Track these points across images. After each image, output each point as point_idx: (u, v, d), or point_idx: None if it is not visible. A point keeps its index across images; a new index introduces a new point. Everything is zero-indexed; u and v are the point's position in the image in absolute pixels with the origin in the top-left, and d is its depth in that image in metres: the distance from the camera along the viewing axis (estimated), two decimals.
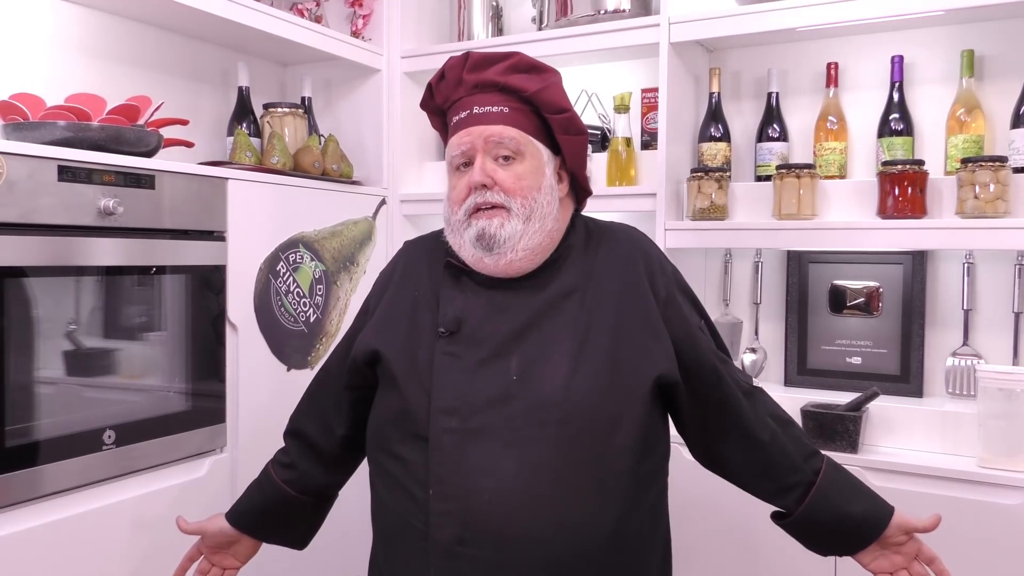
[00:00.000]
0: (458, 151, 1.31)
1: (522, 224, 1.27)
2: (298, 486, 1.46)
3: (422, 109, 1.43)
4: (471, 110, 1.31)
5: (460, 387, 1.24)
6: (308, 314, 2.07)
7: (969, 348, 1.99)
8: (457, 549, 1.20)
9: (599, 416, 1.23)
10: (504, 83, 1.31)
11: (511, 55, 1.34)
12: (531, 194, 1.29)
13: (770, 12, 1.98)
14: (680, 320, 1.32)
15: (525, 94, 1.31)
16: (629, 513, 1.24)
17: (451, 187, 1.33)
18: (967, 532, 1.72)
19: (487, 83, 1.32)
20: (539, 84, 1.32)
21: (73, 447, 1.53)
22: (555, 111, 1.32)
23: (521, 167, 1.29)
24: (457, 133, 1.31)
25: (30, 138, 1.55)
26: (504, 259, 1.28)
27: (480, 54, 1.35)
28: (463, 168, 1.31)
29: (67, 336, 1.58)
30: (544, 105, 1.32)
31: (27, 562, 1.44)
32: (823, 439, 1.88)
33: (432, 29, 2.55)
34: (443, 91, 1.36)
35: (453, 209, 1.31)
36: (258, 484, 1.49)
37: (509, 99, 1.31)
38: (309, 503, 1.48)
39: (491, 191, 1.27)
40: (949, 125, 1.97)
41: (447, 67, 1.35)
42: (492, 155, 1.29)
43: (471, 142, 1.29)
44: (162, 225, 1.69)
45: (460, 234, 1.30)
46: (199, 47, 2.21)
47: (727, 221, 2.10)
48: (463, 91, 1.33)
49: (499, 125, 1.29)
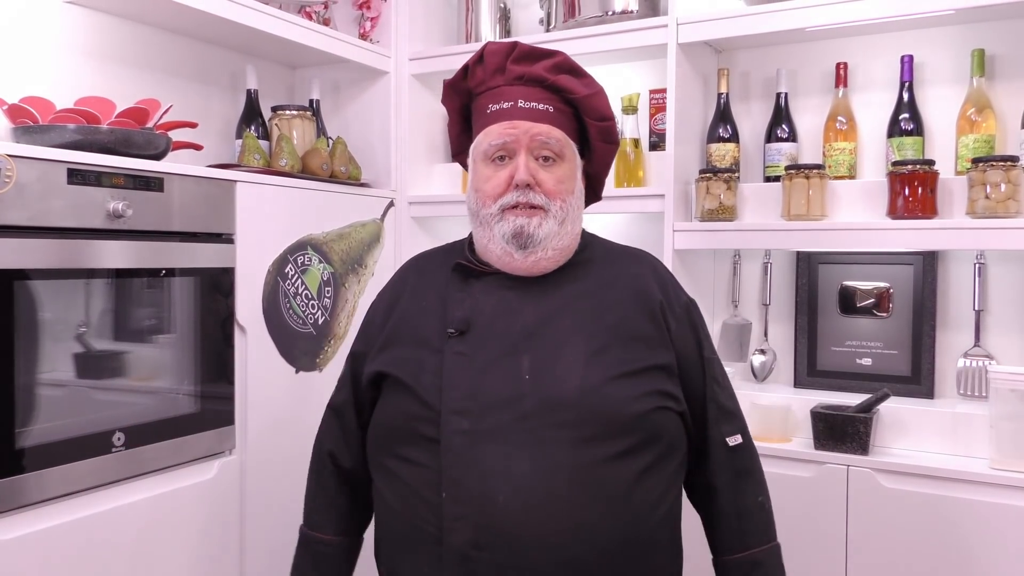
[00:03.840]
0: (499, 141, 1.28)
1: (557, 226, 1.28)
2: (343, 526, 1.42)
3: (448, 88, 1.39)
4: (515, 102, 1.29)
5: (471, 387, 1.23)
6: (316, 316, 2.07)
7: (980, 349, 1.98)
8: (472, 553, 1.18)
9: (615, 418, 1.21)
10: (553, 81, 1.30)
11: (556, 53, 1.33)
12: (568, 198, 1.30)
13: (779, 12, 1.98)
14: (686, 342, 1.33)
15: (574, 96, 1.31)
16: (645, 517, 1.23)
17: (484, 178, 1.30)
18: (978, 534, 1.71)
19: (534, 78, 1.30)
20: (589, 89, 1.32)
21: (83, 449, 1.53)
22: (600, 118, 1.33)
23: (561, 170, 1.30)
24: (499, 123, 1.28)
25: (40, 141, 1.56)
26: (534, 257, 1.28)
27: (528, 46, 1.33)
28: (499, 161, 1.29)
29: (77, 338, 1.58)
30: (591, 111, 1.32)
31: (37, 564, 1.45)
32: (833, 441, 1.87)
33: (440, 31, 2.55)
34: (480, 75, 1.33)
35: (485, 202, 1.29)
36: (312, 562, 1.42)
37: (553, 98, 1.30)
38: (354, 544, 1.46)
39: (532, 191, 1.26)
40: (959, 125, 1.96)
41: (488, 52, 1.33)
42: (534, 154, 1.28)
43: (516, 136, 1.27)
44: (171, 228, 1.69)
45: (490, 227, 1.28)
46: (208, 50, 2.21)
47: (736, 222, 2.09)
48: (502, 80, 1.31)
49: (546, 124, 1.28)
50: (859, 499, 1.82)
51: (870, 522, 1.81)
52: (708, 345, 1.38)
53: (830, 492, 1.84)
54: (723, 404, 1.36)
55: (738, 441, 1.35)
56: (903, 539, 1.78)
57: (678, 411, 1.29)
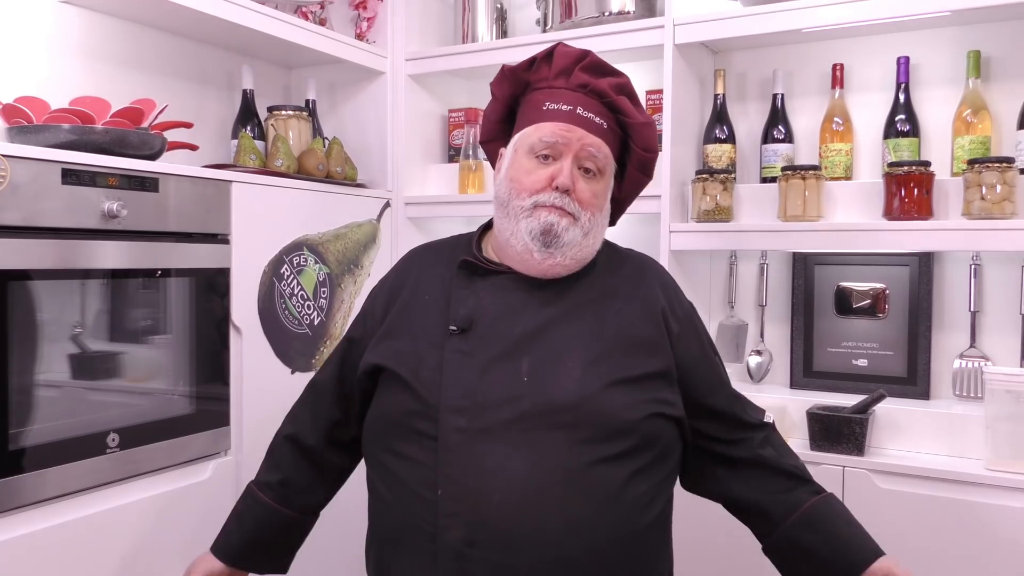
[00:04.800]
0: (551, 140, 1.29)
1: (582, 236, 1.29)
2: (293, 503, 1.44)
3: (507, 73, 1.39)
4: (574, 108, 1.30)
5: (470, 385, 1.24)
6: (312, 317, 2.06)
7: (976, 350, 1.98)
8: (466, 551, 1.19)
9: (611, 423, 1.22)
10: (613, 100, 1.32)
11: (621, 74, 1.36)
12: (597, 213, 1.32)
13: (775, 13, 1.98)
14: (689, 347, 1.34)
15: (629, 120, 1.33)
16: (636, 518, 1.24)
17: (525, 170, 1.31)
18: (974, 535, 1.71)
19: (596, 90, 1.32)
20: (644, 118, 1.35)
21: (77, 451, 1.53)
22: (646, 149, 1.36)
23: (598, 186, 1.32)
24: (553, 122, 1.30)
25: (34, 141, 1.55)
26: (552, 260, 1.29)
27: (598, 59, 1.35)
28: (543, 159, 1.30)
29: (72, 339, 1.58)
30: (641, 140, 1.35)
31: (31, 566, 1.44)
32: (829, 442, 1.87)
33: (436, 32, 2.55)
34: (545, 71, 1.35)
35: (520, 194, 1.30)
36: (248, 512, 1.44)
37: (609, 117, 1.33)
38: (301, 521, 1.46)
39: (569, 197, 1.28)
40: (955, 126, 1.96)
41: (559, 53, 1.34)
42: (579, 163, 1.30)
43: (569, 140, 1.29)
44: (166, 228, 1.69)
45: (517, 220, 1.29)
46: (203, 50, 2.21)
47: (732, 223, 2.09)
48: (565, 83, 1.32)
49: (599, 138, 1.31)
50: (855, 500, 1.82)
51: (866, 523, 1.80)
52: (712, 347, 1.41)
53: None
54: (741, 395, 1.41)
55: (771, 418, 1.41)
56: (899, 540, 1.78)
57: (675, 417, 1.30)
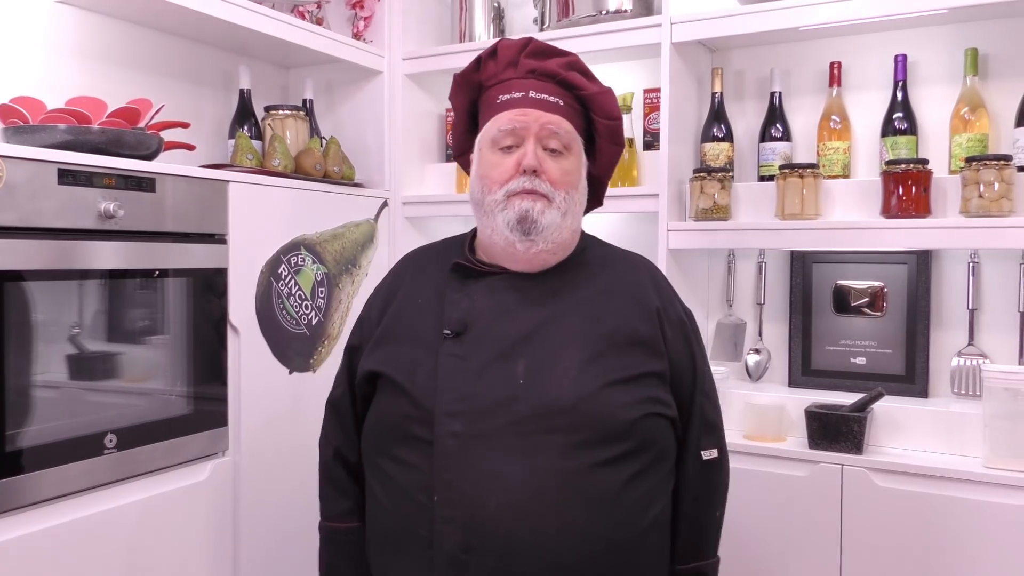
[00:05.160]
0: (509, 127, 1.28)
1: (559, 217, 1.28)
2: (359, 513, 1.40)
3: (458, 81, 1.39)
4: (527, 92, 1.30)
5: (465, 389, 1.23)
6: (310, 317, 2.06)
7: (974, 348, 1.98)
8: (463, 557, 1.18)
9: (608, 425, 1.22)
10: (565, 77, 1.31)
11: (568, 53, 1.35)
12: (572, 191, 1.30)
13: (772, 12, 1.97)
14: (680, 351, 1.33)
15: (584, 93, 1.32)
16: (634, 521, 1.23)
17: (490, 164, 1.30)
18: (972, 533, 1.71)
19: (547, 72, 1.31)
20: (599, 88, 1.34)
21: (74, 451, 1.52)
22: (608, 117, 1.34)
23: (567, 163, 1.31)
24: (509, 111, 1.29)
25: (30, 141, 1.55)
26: (535, 247, 1.28)
27: (542, 43, 1.34)
28: (506, 149, 1.29)
29: (70, 340, 1.57)
30: (600, 109, 1.33)
31: (28, 567, 1.44)
32: (827, 440, 1.87)
33: (433, 31, 2.54)
34: (492, 68, 1.34)
35: (492, 188, 1.29)
36: (339, 551, 1.41)
37: (565, 94, 1.32)
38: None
39: (538, 178, 1.27)
40: (953, 124, 1.96)
41: (502, 46, 1.34)
42: (543, 144, 1.29)
43: (527, 123, 1.28)
44: (163, 228, 1.68)
45: (494, 216, 1.28)
46: (200, 50, 2.20)
47: (730, 221, 2.09)
48: (514, 73, 1.32)
49: (557, 115, 1.29)
50: (853, 498, 1.82)
51: (864, 521, 1.81)
52: (702, 357, 1.38)
53: (824, 492, 1.84)
54: (707, 417, 1.36)
55: (713, 455, 1.36)
56: (897, 538, 1.78)
57: (670, 417, 1.30)
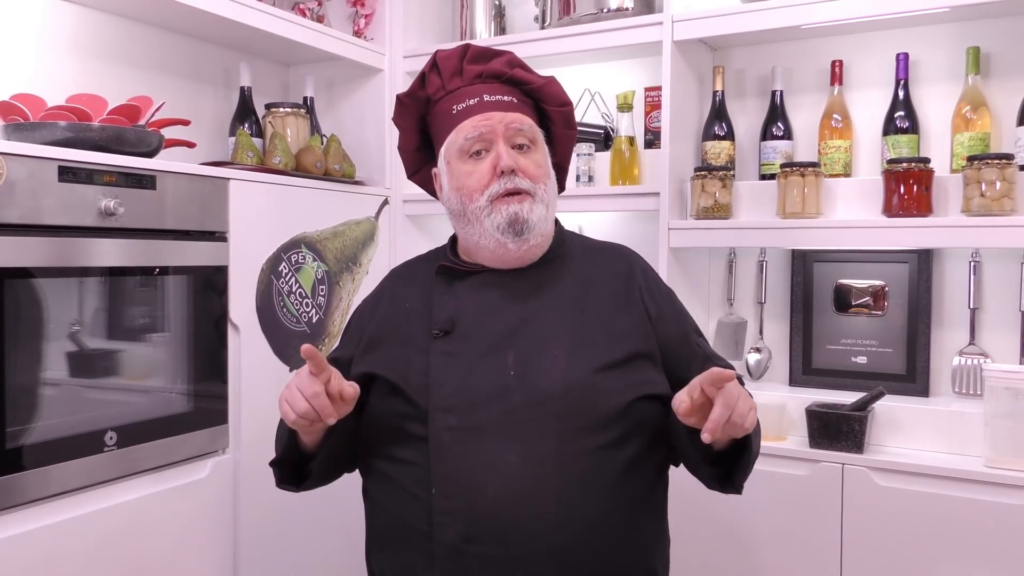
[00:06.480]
0: (475, 133, 1.28)
1: (545, 210, 1.29)
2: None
3: (404, 100, 1.38)
4: (480, 97, 1.30)
5: (457, 384, 1.24)
6: (310, 314, 2.06)
7: (975, 347, 1.98)
8: (463, 547, 1.19)
9: (601, 410, 1.23)
10: (511, 75, 1.32)
11: (505, 52, 1.37)
12: (547, 182, 1.32)
13: (774, 10, 1.97)
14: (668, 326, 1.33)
15: (532, 86, 1.33)
16: (632, 505, 1.24)
17: (465, 174, 1.30)
18: (974, 532, 1.71)
19: (492, 74, 1.32)
20: (544, 78, 1.35)
21: (75, 449, 1.52)
22: (559, 104, 1.35)
23: (537, 156, 1.32)
24: (470, 118, 1.29)
25: (31, 138, 1.55)
26: (527, 244, 1.28)
27: (479, 46, 1.36)
28: (476, 156, 1.29)
29: (70, 337, 1.57)
30: (550, 98, 1.34)
31: (28, 564, 1.44)
32: (828, 440, 1.87)
33: (434, 28, 2.54)
34: (437, 81, 1.35)
35: (472, 197, 1.28)
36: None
37: (514, 91, 1.33)
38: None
39: (518, 176, 1.27)
40: (955, 123, 1.96)
41: (441, 57, 1.35)
42: (511, 143, 1.29)
43: (491, 126, 1.28)
44: (163, 226, 1.68)
45: (480, 222, 1.28)
46: (201, 47, 2.20)
47: (731, 220, 2.09)
48: (461, 81, 1.33)
49: (516, 112, 1.31)
50: (854, 497, 1.82)
51: (865, 520, 1.81)
52: (694, 328, 1.38)
53: (825, 491, 1.84)
54: (710, 352, 1.37)
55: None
56: (898, 537, 1.78)
57: (663, 395, 1.28)
